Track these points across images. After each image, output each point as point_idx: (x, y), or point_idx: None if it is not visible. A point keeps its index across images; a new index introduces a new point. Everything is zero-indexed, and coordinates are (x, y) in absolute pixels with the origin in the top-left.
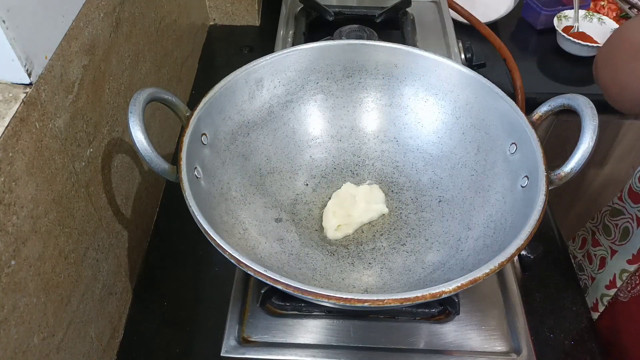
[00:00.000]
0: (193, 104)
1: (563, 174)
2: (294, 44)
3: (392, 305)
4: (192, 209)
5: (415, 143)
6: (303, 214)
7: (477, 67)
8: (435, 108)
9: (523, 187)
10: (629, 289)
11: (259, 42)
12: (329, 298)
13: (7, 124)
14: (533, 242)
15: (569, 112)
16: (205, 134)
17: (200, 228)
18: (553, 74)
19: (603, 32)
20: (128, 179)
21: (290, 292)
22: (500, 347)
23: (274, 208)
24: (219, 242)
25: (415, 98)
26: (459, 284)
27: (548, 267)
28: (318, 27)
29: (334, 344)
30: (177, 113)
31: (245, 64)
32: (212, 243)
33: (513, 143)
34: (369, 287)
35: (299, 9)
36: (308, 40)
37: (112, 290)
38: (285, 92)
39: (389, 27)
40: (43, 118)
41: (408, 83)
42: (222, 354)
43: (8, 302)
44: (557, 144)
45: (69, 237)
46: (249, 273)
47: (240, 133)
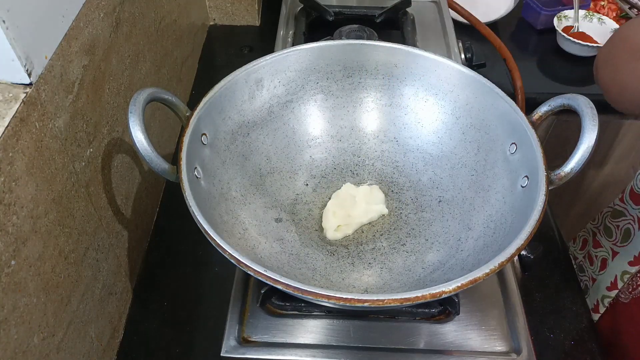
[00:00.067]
0: (193, 104)
1: (563, 174)
2: (294, 44)
3: (392, 305)
4: (192, 209)
5: (415, 143)
6: (303, 214)
7: (477, 67)
8: (435, 108)
9: (523, 187)
10: (630, 290)
11: (259, 42)
12: (329, 298)
13: (7, 124)
14: (533, 242)
15: (569, 112)
16: (205, 134)
17: (200, 228)
18: (553, 74)
19: (603, 32)
20: (128, 179)
21: (290, 292)
22: (500, 347)
23: (274, 208)
24: (219, 242)
25: (415, 98)
26: (459, 284)
27: (548, 267)
28: (318, 27)
29: (334, 344)
30: (177, 113)
31: (245, 64)
32: (212, 243)
33: (513, 143)
34: (369, 287)
35: (299, 9)
36: (308, 40)
37: (112, 290)
38: (285, 92)
39: (389, 27)
40: (43, 118)
41: (408, 83)
42: (222, 354)
43: (8, 302)
44: (557, 144)
45: (69, 237)
46: (249, 273)
47: (240, 133)
